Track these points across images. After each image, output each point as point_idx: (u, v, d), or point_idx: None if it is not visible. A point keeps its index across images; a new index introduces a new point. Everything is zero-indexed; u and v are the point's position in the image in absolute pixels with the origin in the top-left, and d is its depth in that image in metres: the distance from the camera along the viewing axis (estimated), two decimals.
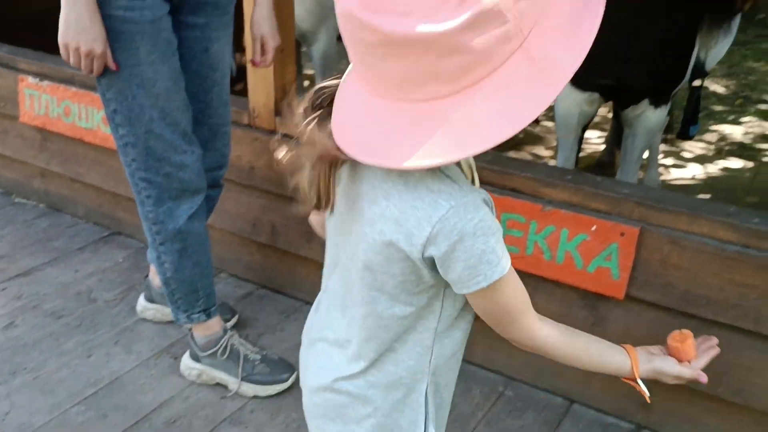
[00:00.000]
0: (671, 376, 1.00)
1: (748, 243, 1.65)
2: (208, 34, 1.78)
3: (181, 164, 1.77)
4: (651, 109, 2.22)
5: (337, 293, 1.02)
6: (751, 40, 6.21)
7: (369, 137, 0.80)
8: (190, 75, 1.78)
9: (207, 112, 1.87)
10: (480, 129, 0.75)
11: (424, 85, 0.75)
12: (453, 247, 0.84)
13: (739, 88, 5.35)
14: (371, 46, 0.75)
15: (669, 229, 1.72)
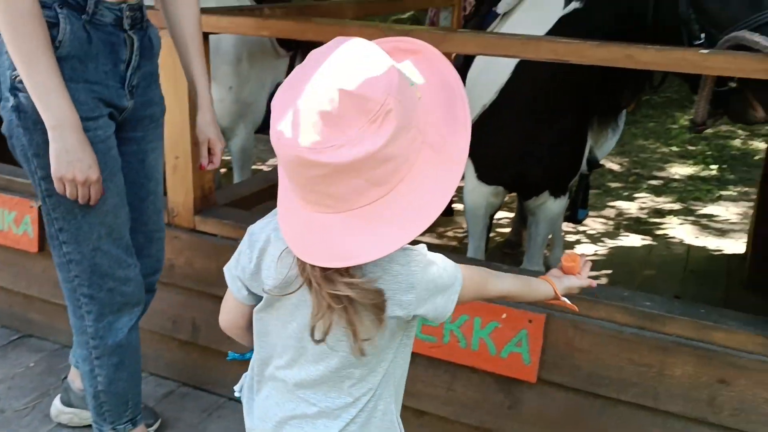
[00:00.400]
0: (576, 287, 1.34)
1: (642, 325, 1.80)
2: (144, 146, 1.81)
3: (126, 278, 1.77)
4: (551, 200, 2.41)
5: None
6: (639, 119, 6.76)
7: (330, 246, 0.97)
8: (127, 185, 1.79)
9: (142, 219, 1.88)
10: (420, 212, 0.96)
11: (366, 194, 0.94)
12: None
13: (632, 165, 5.78)
14: (320, 177, 0.93)
15: (572, 315, 1.85)
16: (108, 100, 1.63)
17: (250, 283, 1.15)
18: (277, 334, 1.15)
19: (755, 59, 1.59)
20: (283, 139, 0.93)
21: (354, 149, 0.89)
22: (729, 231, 4.35)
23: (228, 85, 3.00)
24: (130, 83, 1.68)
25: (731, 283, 3.27)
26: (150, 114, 1.80)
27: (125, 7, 1.61)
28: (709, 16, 1.79)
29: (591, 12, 2.03)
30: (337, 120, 0.89)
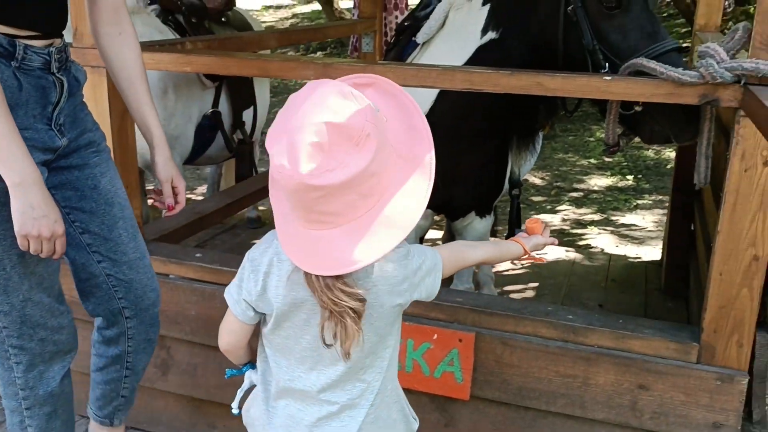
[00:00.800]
0: (541, 244, 1.56)
1: (566, 338, 1.89)
2: (89, 171, 1.73)
3: (59, 327, 1.72)
4: (477, 220, 2.50)
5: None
6: (559, 134, 7.03)
7: (335, 257, 1.13)
8: (88, 215, 1.73)
9: (119, 249, 1.78)
10: (404, 214, 1.14)
11: (358, 206, 1.12)
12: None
13: (553, 178, 6.00)
14: (320, 198, 1.10)
15: (500, 332, 1.93)
16: (40, 145, 1.58)
17: (257, 304, 1.29)
18: (290, 349, 1.30)
19: (653, 84, 1.71)
20: (285, 171, 1.09)
21: (346, 170, 1.07)
22: (646, 239, 4.58)
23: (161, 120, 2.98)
24: (57, 122, 1.64)
25: (650, 290, 3.43)
26: (87, 142, 1.73)
27: (53, 50, 1.58)
28: (611, 47, 1.91)
29: (506, 42, 2.13)
30: (327, 148, 1.07)
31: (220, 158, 3.54)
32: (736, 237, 1.69)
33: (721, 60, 1.61)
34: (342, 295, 1.16)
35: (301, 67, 2.03)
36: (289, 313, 1.26)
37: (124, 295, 1.83)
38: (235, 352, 1.42)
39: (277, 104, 8.99)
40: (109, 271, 1.79)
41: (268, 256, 1.26)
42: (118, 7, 1.75)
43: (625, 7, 1.91)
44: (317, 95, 1.12)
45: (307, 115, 1.09)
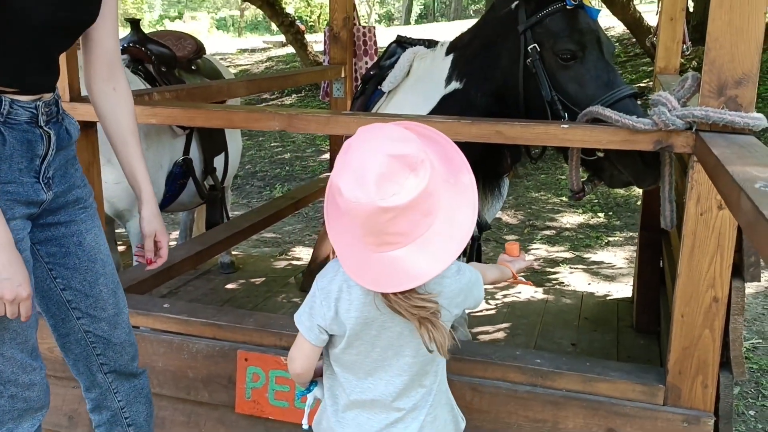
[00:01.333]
0: (523, 267, 1.74)
1: (535, 382, 1.90)
2: (75, 228, 1.74)
3: (30, 383, 1.68)
4: None
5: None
6: (531, 172, 7.13)
7: (406, 273, 1.29)
8: (71, 272, 1.73)
9: (99, 305, 1.80)
10: (459, 229, 1.31)
11: (421, 224, 1.28)
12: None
13: (526, 217, 6.06)
14: (389, 220, 1.25)
15: (469, 377, 1.93)
16: (24, 199, 1.58)
17: (330, 327, 1.43)
18: (360, 364, 1.45)
19: (609, 131, 1.76)
20: (360, 200, 1.25)
21: (409, 192, 1.23)
22: (618, 276, 4.63)
23: None
24: (45, 175, 1.64)
25: (622, 327, 3.46)
26: (74, 198, 1.74)
27: (41, 104, 1.59)
28: (569, 97, 1.97)
29: (470, 92, 2.18)
30: (390, 176, 1.23)
31: (192, 205, 3.54)
32: (695, 279, 1.72)
33: (673, 108, 1.67)
34: (420, 302, 1.32)
35: (266, 118, 2.05)
36: (360, 332, 1.41)
37: (102, 351, 1.84)
38: (307, 374, 1.54)
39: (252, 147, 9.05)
40: (88, 327, 1.81)
41: (337, 284, 1.41)
42: (112, 63, 1.77)
43: (581, 59, 1.96)
44: (376, 136, 1.31)
45: (369, 151, 1.27)
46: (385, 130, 1.32)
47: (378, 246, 1.30)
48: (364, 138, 1.31)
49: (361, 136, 1.32)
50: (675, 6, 3.21)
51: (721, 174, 1.23)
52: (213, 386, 2.17)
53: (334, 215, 1.36)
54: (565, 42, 1.97)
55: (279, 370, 2.05)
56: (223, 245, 3.26)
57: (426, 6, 37.70)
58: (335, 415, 1.52)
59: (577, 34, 1.97)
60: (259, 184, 7.50)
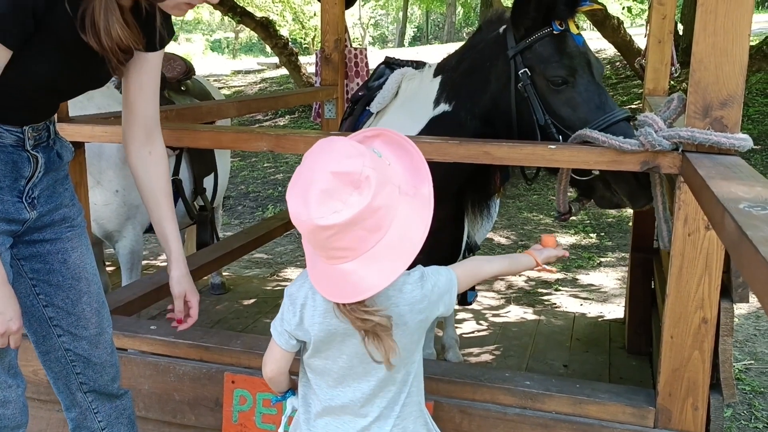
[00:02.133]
0: (553, 256, 1.67)
1: (524, 404, 1.88)
2: (60, 245, 1.74)
3: (4, 400, 1.66)
4: None
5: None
6: (522, 193, 7.14)
7: (354, 286, 1.30)
8: (54, 289, 1.73)
9: (81, 324, 1.79)
10: (410, 244, 1.31)
11: (368, 240, 1.28)
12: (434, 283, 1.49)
13: (518, 237, 6.06)
14: (332, 237, 1.26)
15: (458, 400, 1.91)
16: (4, 216, 1.58)
17: (296, 333, 1.46)
18: (329, 370, 1.46)
19: (596, 152, 1.76)
20: (300, 217, 1.28)
21: (350, 210, 1.24)
22: (610, 297, 4.62)
23: (114, 188, 2.97)
24: (29, 196, 1.64)
25: (614, 348, 3.44)
26: (61, 218, 1.74)
27: (28, 129, 1.59)
28: (562, 120, 1.97)
29: (459, 115, 2.18)
30: (332, 193, 1.24)
31: (181, 225, 3.52)
32: (684, 300, 1.72)
33: (659, 129, 1.67)
34: (365, 314, 1.33)
35: (255, 139, 2.05)
36: (326, 340, 1.43)
37: (82, 370, 1.83)
38: (277, 378, 1.57)
39: (245, 167, 9.05)
40: (68, 346, 1.80)
41: (304, 291, 1.44)
42: (150, 129, 1.81)
43: (572, 83, 1.97)
44: (324, 149, 1.31)
45: (315, 168, 1.28)
46: (338, 144, 1.32)
47: (328, 259, 1.34)
48: (316, 151, 1.33)
49: (315, 149, 1.34)
50: (663, 29, 3.24)
51: (706, 194, 1.23)
52: (199, 409, 2.14)
53: None
54: (556, 67, 1.98)
55: (266, 393, 2.02)
56: (213, 266, 3.24)
57: (419, 28, 38.06)
58: (306, 423, 1.54)
59: (567, 59, 1.98)
60: (252, 205, 7.49)
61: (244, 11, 11.30)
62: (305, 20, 23.07)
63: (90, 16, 1.46)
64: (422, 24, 37.79)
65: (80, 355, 1.80)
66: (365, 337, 1.37)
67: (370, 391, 1.47)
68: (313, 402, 1.53)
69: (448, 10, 29.20)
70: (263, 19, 11.59)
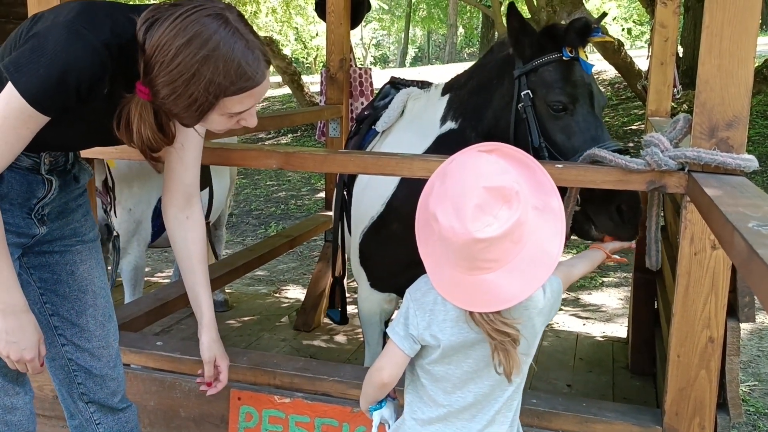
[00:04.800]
0: (618, 247, 1.90)
1: (530, 423, 1.88)
2: (69, 257, 1.75)
3: (11, 407, 1.67)
4: None
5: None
6: None
7: (497, 295, 1.35)
8: (60, 299, 1.74)
9: (84, 336, 1.80)
10: (547, 254, 1.36)
11: (511, 251, 1.33)
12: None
13: None
14: (482, 250, 1.31)
15: None
16: (14, 229, 1.60)
17: (424, 337, 1.46)
18: (450, 375, 1.47)
19: (603, 171, 1.78)
20: (456, 230, 1.31)
21: (503, 224, 1.29)
22: (612, 317, 4.61)
23: (128, 207, 2.99)
24: (39, 213, 1.65)
25: (617, 368, 3.44)
26: (71, 232, 1.76)
27: (44, 155, 1.61)
28: (556, 146, 1.99)
29: (465, 132, 2.20)
30: (485, 208, 1.30)
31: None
32: (690, 319, 1.73)
33: (665, 149, 1.69)
34: (502, 326, 1.36)
35: (264, 156, 2.07)
36: (457, 347, 1.44)
37: (83, 381, 1.84)
38: (392, 384, 1.55)
39: (248, 185, 9.06)
40: (71, 356, 1.81)
41: (432, 296, 1.46)
42: (190, 195, 1.83)
43: (571, 111, 1.99)
44: (472, 163, 1.37)
45: (466, 182, 1.33)
46: (482, 159, 1.38)
47: (470, 270, 1.36)
48: (461, 166, 1.38)
49: (459, 163, 1.39)
50: (665, 51, 3.28)
51: (714, 214, 1.24)
52: (205, 426, 2.14)
53: (426, 237, 1.44)
54: (557, 93, 1.99)
55: (272, 410, 2.02)
56: (217, 283, 3.25)
57: (421, 49, 38.35)
58: (413, 429, 1.54)
59: (570, 87, 2.00)
60: (254, 222, 7.50)
61: None
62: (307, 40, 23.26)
63: (126, 117, 1.49)
64: (423, 45, 38.08)
65: (82, 366, 1.82)
66: (494, 351, 1.40)
67: (485, 396, 1.48)
68: (421, 409, 1.53)
69: (450, 31, 29.44)
70: (267, 39, 11.70)
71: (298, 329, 3.88)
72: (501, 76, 2.11)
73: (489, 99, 2.13)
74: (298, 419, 2.00)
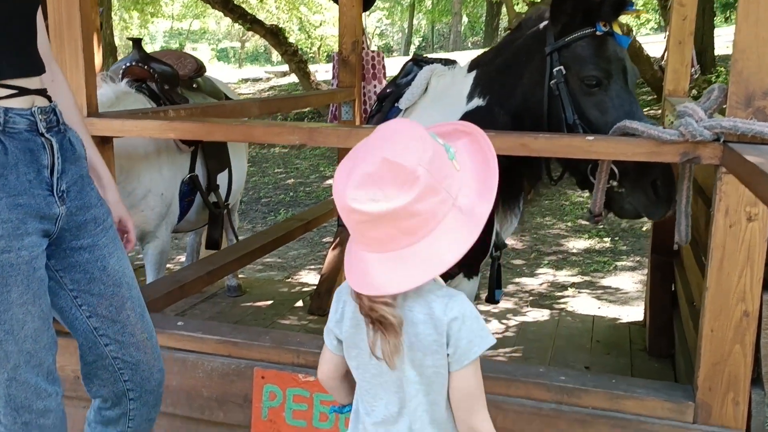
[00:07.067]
0: None
1: (560, 400, 1.86)
2: (98, 253, 1.69)
3: (44, 410, 1.62)
4: (465, 281, 2.49)
5: None
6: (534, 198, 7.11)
7: (367, 277, 1.22)
8: (97, 298, 1.68)
9: (127, 330, 1.74)
10: (438, 259, 1.18)
11: (397, 240, 1.19)
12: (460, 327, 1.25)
13: (532, 242, 6.04)
14: (361, 223, 1.18)
15: (491, 395, 1.88)
16: (37, 211, 1.54)
17: (337, 332, 1.37)
18: (362, 378, 1.35)
19: (634, 143, 1.75)
20: (337, 188, 1.20)
21: (387, 204, 1.15)
22: (628, 300, 4.59)
23: (160, 192, 2.97)
24: (59, 188, 1.60)
25: (635, 351, 3.41)
26: (92, 218, 1.69)
27: (36, 110, 1.56)
28: (590, 123, 1.97)
29: (492, 109, 2.17)
30: (377, 179, 1.15)
31: (199, 223, 3.52)
32: (725, 293, 1.70)
33: (700, 119, 1.66)
34: (377, 305, 1.22)
35: (287, 132, 2.04)
36: (352, 337, 1.33)
37: (130, 377, 1.77)
38: (327, 383, 1.46)
39: (256, 173, 9.05)
40: (116, 354, 1.74)
41: (347, 287, 1.34)
42: (45, 54, 1.72)
43: (605, 86, 1.96)
44: (391, 132, 1.22)
45: (373, 147, 1.20)
46: (408, 132, 1.21)
47: (357, 244, 1.26)
48: (384, 128, 1.25)
49: (387, 127, 1.25)
50: (683, 30, 3.23)
51: (761, 180, 1.21)
52: (228, 406, 2.12)
53: None
54: (591, 68, 1.96)
55: (297, 388, 2.00)
56: (232, 266, 3.23)
57: (425, 38, 38.16)
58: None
59: (604, 62, 1.97)
60: (264, 210, 7.49)
61: (254, 18, 11.35)
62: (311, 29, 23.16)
63: None
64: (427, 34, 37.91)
65: (128, 362, 1.75)
66: (372, 325, 1.25)
67: (395, 412, 1.33)
68: (362, 414, 1.40)
69: (454, 19, 29.28)
70: (273, 27, 11.64)
71: (313, 313, 3.86)
72: (531, 52, 2.08)
73: (518, 76, 2.10)
74: (324, 397, 1.98)
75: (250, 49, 34.97)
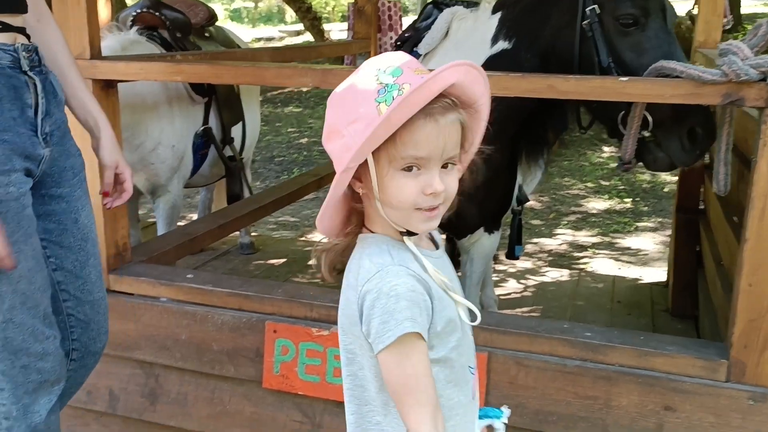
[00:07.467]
0: None
1: (585, 356, 1.77)
2: (74, 204, 1.66)
3: (43, 353, 1.58)
4: (485, 236, 2.39)
5: None
6: (554, 158, 6.97)
7: None
8: (65, 251, 1.65)
9: (87, 288, 1.71)
10: None
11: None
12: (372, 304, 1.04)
13: (551, 202, 5.93)
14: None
15: (514, 351, 1.81)
16: (21, 149, 1.48)
17: None
18: None
19: (672, 85, 1.62)
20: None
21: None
22: (649, 261, 4.48)
23: (171, 144, 2.88)
24: (43, 130, 1.54)
25: (657, 311, 3.33)
26: (70, 166, 1.65)
27: (20, 47, 1.49)
28: (626, 65, 1.85)
29: (519, 52, 2.05)
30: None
31: (212, 177, 3.43)
32: (765, 245, 1.59)
33: (746, 57, 1.53)
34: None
35: (299, 74, 1.94)
36: None
37: (78, 336, 1.74)
38: None
39: (269, 132, 8.95)
40: (71, 311, 1.72)
41: None
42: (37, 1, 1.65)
43: (643, 25, 1.84)
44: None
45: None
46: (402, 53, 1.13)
47: None
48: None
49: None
50: None
51: None
52: (239, 360, 2.06)
53: None
54: (628, 6, 1.84)
55: (310, 342, 1.93)
56: (245, 220, 3.15)
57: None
58: None
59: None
60: (277, 169, 7.40)
61: None
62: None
63: None
64: None
65: (80, 320, 1.72)
66: None
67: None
68: None
69: None
70: None
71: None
72: None
73: (547, 16, 1.97)
74: (338, 352, 1.91)
75: (264, 9, 34.52)
